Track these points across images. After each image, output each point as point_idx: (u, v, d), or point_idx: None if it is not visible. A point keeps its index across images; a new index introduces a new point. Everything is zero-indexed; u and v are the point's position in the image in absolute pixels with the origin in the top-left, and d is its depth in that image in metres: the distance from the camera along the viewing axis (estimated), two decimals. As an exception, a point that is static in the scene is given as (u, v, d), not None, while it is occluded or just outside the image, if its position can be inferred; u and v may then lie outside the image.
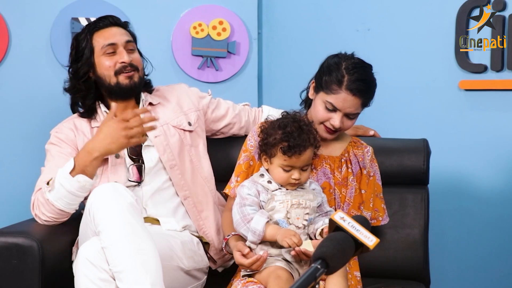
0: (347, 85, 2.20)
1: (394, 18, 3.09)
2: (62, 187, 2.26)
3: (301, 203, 2.14)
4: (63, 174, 2.26)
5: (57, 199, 2.27)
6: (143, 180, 2.45)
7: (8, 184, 3.08)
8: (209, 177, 2.56)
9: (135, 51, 2.51)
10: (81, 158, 2.28)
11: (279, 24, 3.28)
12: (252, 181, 2.20)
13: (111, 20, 2.51)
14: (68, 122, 2.51)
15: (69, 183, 2.25)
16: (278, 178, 2.16)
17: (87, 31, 2.49)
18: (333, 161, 2.34)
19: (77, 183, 2.26)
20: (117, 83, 2.46)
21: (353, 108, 2.24)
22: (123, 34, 2.50)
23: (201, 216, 2.50)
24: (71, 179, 2.25)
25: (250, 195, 2.16)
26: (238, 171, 2.35)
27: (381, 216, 2.38)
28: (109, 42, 2.46)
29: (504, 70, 2.89)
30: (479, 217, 3.01)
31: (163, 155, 2.46)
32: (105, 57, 2.46)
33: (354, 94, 2.21)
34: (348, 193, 2.33)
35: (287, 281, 2.06)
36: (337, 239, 1.45)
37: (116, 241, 2.08)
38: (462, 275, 3.05)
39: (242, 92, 3.19)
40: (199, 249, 2.45)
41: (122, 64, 2.45)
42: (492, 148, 2.96)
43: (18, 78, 3.07)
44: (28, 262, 2.19)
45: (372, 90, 2.28)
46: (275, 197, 2.14)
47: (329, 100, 2.23)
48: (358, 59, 2.28)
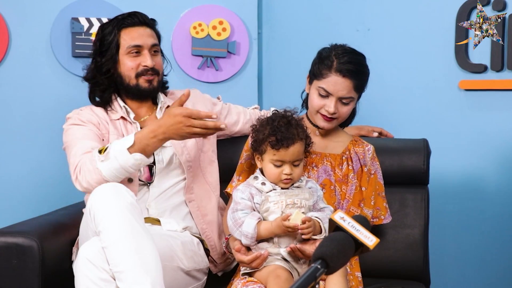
0: (336, 67, 2.24)
1: (394, 18, 3.09)
2: (116, 160, 2.22)
3: (296, 202, 2.13)
4: (119, 148, 2.23)
5: (108, 170, 2.23)
6: (152, 181, 2.45)
7: (8, 184, 3.09)
8: (215, 183, 2.56)
9: (158, 54, 2.50)
10: (144, 137, 2.24)
11: (279, 24, 3.28)
12: (246, 184, 2.20)
13: (140, 18, 2.48)
14: (87, 109, 2.48)
15: (125, 158, 2.22)
16: (270, 174, 2.15)
17: (115, 26, 2.46)
18: (334, 159, 2.35)
19: (133, 160, 2.23)
20: (136, 84, 2.45)
21: (345, 91, 2.25)
22: (150, 36, 2.47)
23: (204, 220, 2.50)
24: (128, 155, 2.22)
25: (244, 198, 2.15)
26: (239, 170, 2.37)
27: (383, 215, 2.38)
28: (135, 43, 2.44)
29: (504, 70, 2.89)
30: (479, 217, 3.01)
31: (181, 156, 2.46)
32: (129, 57, 2.44)
33: (344, 76, 2.24)
34: (348, 190, 2.33)
35: (286, 280, 2.07)
36: (337, 239, 1.45)
37: (116, 241, 2.08)
38: (462, 275, 3.05)
39: (242, 92, 3.19)
40: (199, 250, 2.45)
41: (145, 68, 2.44)
42: (492, 148, 2.96)
43: (18, 78, 3.07)
44: (28, 262, 2.19)
45: (362, 73, 2.30)
46: (269, 198, 2.14)
47: (321, 85, 2.26)
48: (350, 47, 2.32)
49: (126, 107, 2.48)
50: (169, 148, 2.46)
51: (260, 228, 2.10)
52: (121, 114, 2.47)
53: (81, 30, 3.05)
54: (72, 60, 3.07)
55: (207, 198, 2.52)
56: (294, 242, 2.12)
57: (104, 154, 2.23)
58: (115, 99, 2.49)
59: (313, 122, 2.35)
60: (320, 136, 2.39)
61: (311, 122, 2.37)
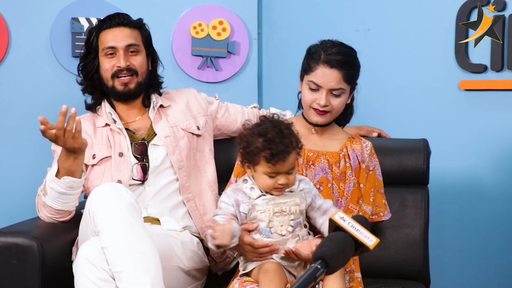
0: (324, 59, 2.26)
1: (394, 18, 3.09)
2: (52, 190, 2.29)
3: (284, 210, 2.10)
4: (50, 178, 2.29)
5: (52, 201, 2.31)
6: (146, 179, 2.45)
7: (8, 184, 3.08)
8: (212, 182, 2.56)
9: (138, 54, 2.51)
10: (62, 161, 2.28)
11: (279, 24, 3.28)
12: (234, 189, 2.17)
13: (118, 20, 2.51)
14: None
15: (58, 184, 2.28)
16: (264, 185, 2.11)
17: (96, 29, 2.52)
18: (331, 156, 2.34)
19: (64, 183, 2.28)
20: (112, 86, 2.50)
21: (334, 82, 2.26)
22: (126, 37, 2.49)
23: (203, 219, 2.50)
24: (58, 181, 2.28)
25: (227, 204, 2.14)
26: (237, 171, 2.36)
27: (382, 212, 2.37)
28: (109, 45, 2.48)
29: (504, 70, 2.89)
30: (479, 217, 3.01)
31: (172, 156, 2.46)
32: (105, 58, 2.49)
33: (332, 66, 2.25)
34: (346, 187, 2.33)
35: (275, 272, 2.06)
36: (337, 239, 1.45)
37: (116, 241, 2.08)
38: (462, 275, 3.05)
39: (242, 92, 3.19)
40: (199, 249, 2.45)
41: (118, 68, 2.47)
42: (492, 148, 2.96)
43: (18, 78, 3.07)
44: (28, 262, 2.19)
45: (351, 63, 2.30)
46: (256, 206, 2.11)
47: (310, 79, 2.27)
48: (338, 41, 2.34)
49: (111, 113, 2.50)
50: (161, 147, 2.47)
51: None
52: (106, 120, 2.49)
53: (81, 30, 3.05)
54: (72, 60, 3.07)
55: (205, 197, 2.52)
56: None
57: (43, 188, 2.32)
58: (103, 103, 2.53)
59: (308, 119, 2.35)
60: (317, 134, 2.38)
61: (306, 120, 2.36)
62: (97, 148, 2.45)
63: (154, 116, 2.52)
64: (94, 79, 2.52)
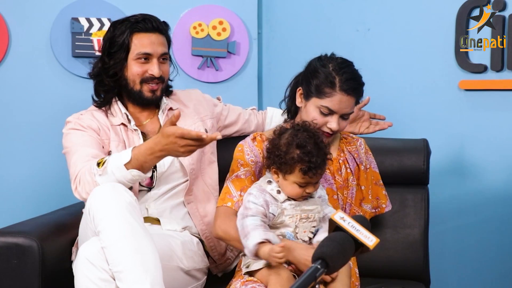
0: (340, 86, 2.20)
1: (394, 18, 3.09)
2: (113, 175, 2.21)
3: (309, 217, 2.12)
4: (117, 164, 2.20)
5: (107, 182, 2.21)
6: (154, 186, 2.44)
7: (8, 184, 3.09)
8: (214, 184, 2.56)
9: (167, 62, 2.48)
10: (141, 154, 2.20)
11: (279, 24, 3.28)
12: (260, 189, 2.15)
13: (154, 24, 2.44)
14: (87, 113, 2.46)
15: (122, 174, 2.20)
16: (292, 193, 2.11)
17: (128, 28, 2.42)
18: (331, 164, 2.34)
19: (130, 176, 2.21)
20: (140, 91, 2.44)
21: (348, 108, 2.24)
22: (160, 44, 2.44)
23: (203, 221, 2.50)
24: (125, 171, 2.20)
25: (256, 204, 2.10)
26: (241, 185, 2.25)
27: (384, 203, 2.37)
28: (146, 51, 2.41)
29: (504, 70, 2.89)
30: (479, 217, 3.01)
31: (184, 159, 2.45)
32: (137, 63, 2.42)
33: (349, 94, 2.22)
34: (349, 194, 2.33)
35: (287, 280, 2.06)
36: (337, 239, 1.46)
37: (116, 241, 2.07)
38: (462, 275, 3.05)
39: (242, 92, 3.19)
40: (199, 249, 2.45)
41: (151, 76, 2.42)
42: (492, 148, 2.96)
43: (18, 78, 3.07)
44: (28, 262, 2.19)
45: (362, 86, 2.29)
46: (285, 211, 2.11)
47: (324, 104, 2.22)
48: (341, 58, 2.28)
49: (127, 113, 2.46)
50: None
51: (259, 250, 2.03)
52: (122, 120, 2.45)
53: (81, 30, 3.05)
54: (72, 60, 3.07)
55: (206, 199, 2.52)
56: None
57: (102, 169, 2.22)
58: (115, 103, 2.48)
59: None
60: None
61: None
62: (113, 145, 2.41)
63: (163, 119, 2.50)
64: (116, 80, 2.44)
